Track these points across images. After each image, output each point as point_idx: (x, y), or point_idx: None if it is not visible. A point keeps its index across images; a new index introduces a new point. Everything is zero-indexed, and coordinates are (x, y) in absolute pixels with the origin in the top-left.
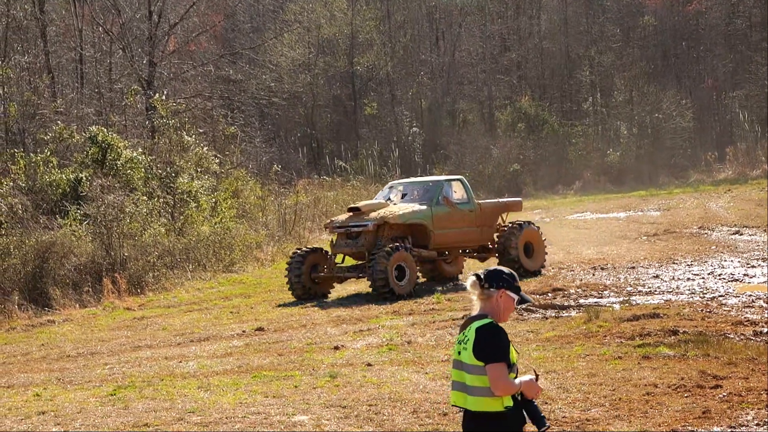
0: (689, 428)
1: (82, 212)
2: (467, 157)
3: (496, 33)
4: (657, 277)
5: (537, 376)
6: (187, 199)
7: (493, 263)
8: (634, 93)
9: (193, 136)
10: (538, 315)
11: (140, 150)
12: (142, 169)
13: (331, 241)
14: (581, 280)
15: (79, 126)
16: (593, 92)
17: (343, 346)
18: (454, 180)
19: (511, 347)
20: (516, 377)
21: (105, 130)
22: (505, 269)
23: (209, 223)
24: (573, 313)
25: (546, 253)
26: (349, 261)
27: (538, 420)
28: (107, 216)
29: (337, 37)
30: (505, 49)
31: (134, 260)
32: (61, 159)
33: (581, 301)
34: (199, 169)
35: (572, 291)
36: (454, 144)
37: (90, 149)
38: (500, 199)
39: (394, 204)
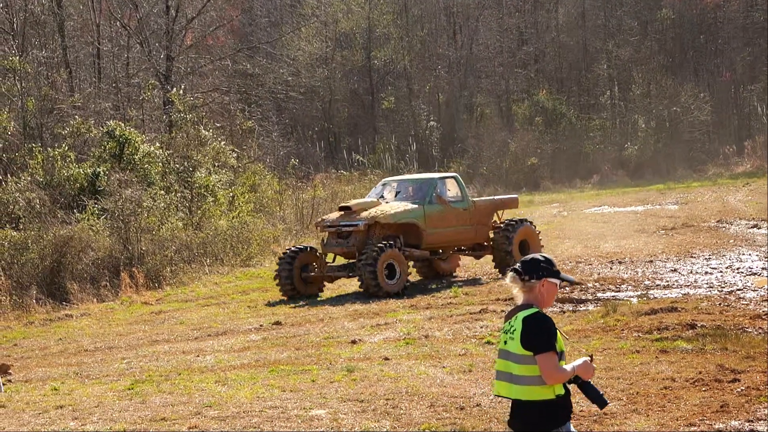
0: (707, 422)
1: (99, 207)
2: (485, 151)
3: (514, 26)
4: (675, 270)
5: (591, 357)
6: (205, 193)
7: (488, 261)
8: (651, 86)
9: (211, 130)
10: (555, 309)
11: (158, 144)
12: (160, 164)
13: (322, 240)
14: (599, 273)
15: (97, 120)
16: (611, 86)
17: (360, 340)
18: (448, 177)
19: (559, 335)
20: (565, 364)
21: (122, 124)
22: (541, 257)
23: (227, 218)
24: (590, 307)
25: (542, 250)
26: (341, 260)
27: (598, 399)
28: (125, 210)
29: (355, 31)
30: (522, 42)
31: (152, 255)
32: (78, 153)
33: (599, 294)
34: (216, 164)
35: (590, 285)
36: (472, 138)
37: (107, 144)
38: (495, 197)
39: (387, 202)
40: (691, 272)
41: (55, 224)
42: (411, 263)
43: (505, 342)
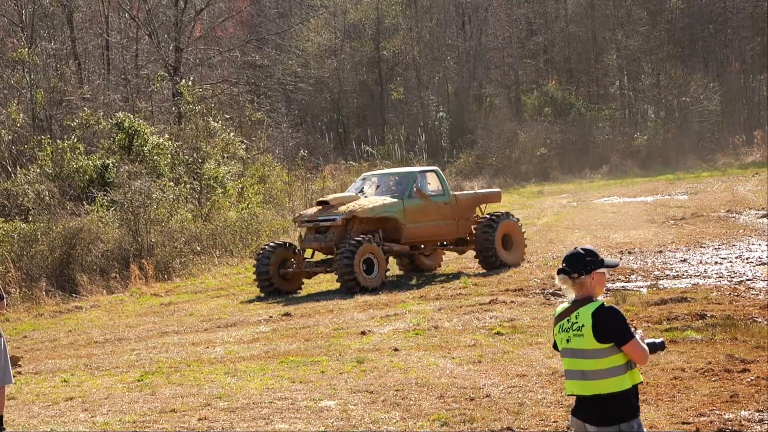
0: (717, 412)
1: (109, 198)
2: (494, 142)
3: (523, 17)
4: (684, 261)
5: (635, 329)
6: (214, 184)
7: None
8: (661, 76)
9: (220, 121)
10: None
11: (167, 136)
12: (169, 155)
13: (300, 236)
14: None
15: (106, 112)
16: (620, 76)
17: (369, 331)
18: (428, 171)
19: None
20: None
21: (131, 116)
22: (582, 250)
23: (236, 209)
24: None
25: (525, 246)
26: (320, 256)
27: (657, 347)
28: (134, 202)
29: (363, 21)
30: (531, 32)
31: (161, 246)
32: (87, 145)
33: (608, 285)
34: (225, 155)
35: None
36: (481, 128)
37: (117, 135)
38: (478, 191)
39: (366, 197)
40: (701, 262)
41: (65, 216)
42: (392, 258)
43: (568, 340)
